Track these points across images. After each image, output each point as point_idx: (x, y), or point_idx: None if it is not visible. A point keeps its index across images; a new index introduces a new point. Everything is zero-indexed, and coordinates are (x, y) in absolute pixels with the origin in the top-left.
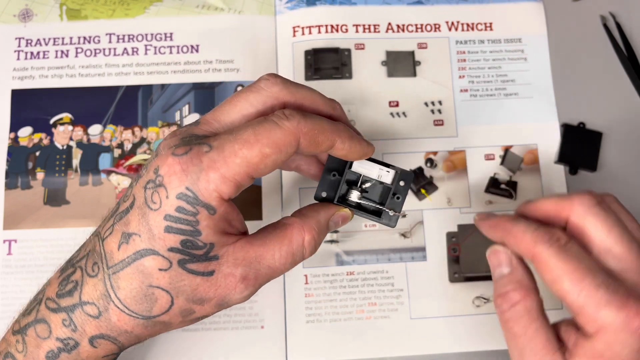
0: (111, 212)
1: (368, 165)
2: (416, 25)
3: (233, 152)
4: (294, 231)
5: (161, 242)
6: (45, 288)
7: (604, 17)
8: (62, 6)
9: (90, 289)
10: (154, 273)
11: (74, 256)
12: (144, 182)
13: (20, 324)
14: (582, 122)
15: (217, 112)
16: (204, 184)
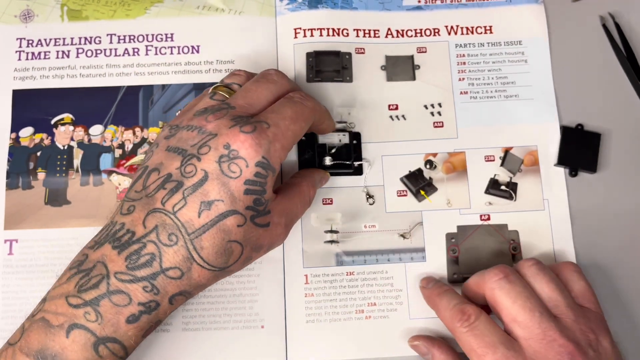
0: (154, 189)
1: (328, 136)
2: (415, 30)
3: (286, 128)
4: (304, 188)
5: (241, 203)
6: (95, 265)
7: (603, 18)
8: (63, 7)
9: (171, 256)
10: (233, 229)
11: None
12: (214, 157)
13: (82, 298)
14: (580, 124)
15: (247, 98)
16: (272, 153)
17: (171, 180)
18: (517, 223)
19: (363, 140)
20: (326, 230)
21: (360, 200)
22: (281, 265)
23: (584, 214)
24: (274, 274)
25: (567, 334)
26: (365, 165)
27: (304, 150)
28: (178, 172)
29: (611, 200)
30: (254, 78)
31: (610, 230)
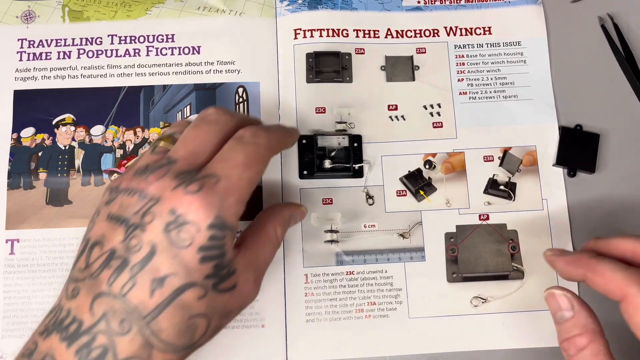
0: (98, 268)
1: (328, 139)
2: (415, 31)
3: (239, 177)
4: (270, 230)
5: (198, 273)
6: (44, 359)
7: (602, 19)
8: (65, 8)
9: (126, 346)
10: (194, 303)
11: (67, 324)
12: (160, 226)
13: None
14: (579, 124)
15: (189, 147)
16: (227, 210)
17: (115, 257)
18: (515, 223)
19: (362, 140)
20: (326, 230)
21: (360, 200)
22: (281, 265)
23: (583, 214)
24: (274, 274)
25: None
26: (365, 167)
27: (304, 153)
28: (122, 247)
29: (610, 201)
30: (192, 122)
31: (609, 230)
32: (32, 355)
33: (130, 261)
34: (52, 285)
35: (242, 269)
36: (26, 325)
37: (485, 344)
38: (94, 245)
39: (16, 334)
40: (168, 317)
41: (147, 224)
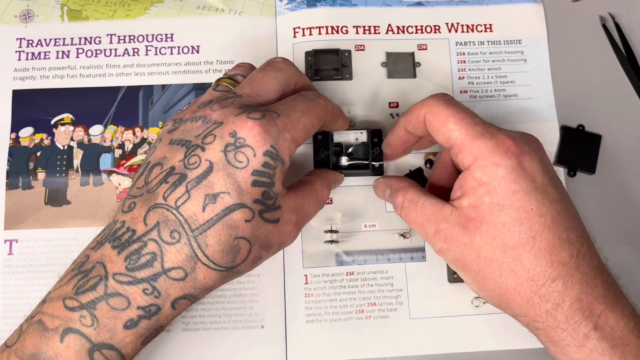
0: (156, 184)
1: (345, 134)
2: (416, 27)
3: (297, 119)
4: (317, 187)
5: (248, 196)
6: (94, 266)
7: (603, 18)
8: (63, 7)
9: (173, 255)
10: (241, 225)
11: (121, 234)
12: (220, 146)
13: (79, 300)
14: (582, 125)
15: (254, 87)
16: (282, 143)
17: (174, 174)
18: None
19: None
20: (326, 230)
21: (360, 199)
22: (281, 265)
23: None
24: (274, 274)
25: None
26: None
27: (319, 149)
28: (181, 165)
29: (609, 201)
30: (259, 67)
31: (609, 230)
32: (82, 266)
33: (187, 176)
34: (50, 285)
35: (287, 209)
36: None
37: (486, 344)
38: (154, 166)
39: None
40: (216, 233)
41: (208, 144)
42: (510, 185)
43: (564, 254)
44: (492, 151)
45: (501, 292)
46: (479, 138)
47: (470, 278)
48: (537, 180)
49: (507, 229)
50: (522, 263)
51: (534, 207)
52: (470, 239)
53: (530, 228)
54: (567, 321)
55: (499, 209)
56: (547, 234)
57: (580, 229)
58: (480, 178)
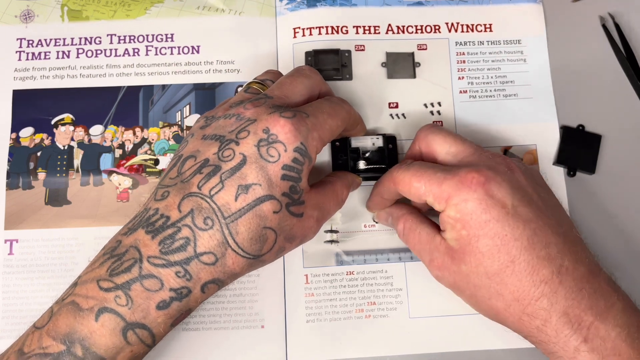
0: (190, 174)
1: (361, 140)
2: (416, 27)
3: (324, 120)
4: (338, 188)
5: (277, 189)
6: (127, 250)
7: (603, 18)
8: (64, 7)
9: (205, 241)
10: (269, 215)
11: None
12: (253, 141)
13: (114, 282)
14: (582, 125)
15: (283, 90)
16: (310, 141)
17: (208, 165)
18: None
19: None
20: (326, 230)
21: (359, 200)
22: (281, 265)
23: (582, 214)
24: (274, 274)
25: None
26: None
27: (337, 154)
28: (215, 157)
29: (609, 202)
30: (287, 73)
31: (608, 231)
32: (115, 250)
33: (221, 168)
34: (51, 285)
35: (310, 205)
36: (25, 326)
37: (485, 344)
38: (187, 158)
39: (15, 335)
40: (246, 222)
41: (242, 138)
42: (481, 215)
43: (544, 272)
44: (457, 189)
45: (494, 313)
46: (443, 182)
47: (466, 301)
48: (507, 204)
49: (486, 257)
50: (507, 286)
51: (508, 233)
52: (458, 267)
53: (507, 253)
54: (557, 335)
55: (475, 239)
56: (525, 256)
57: (561, 241)
58: (454, 216)
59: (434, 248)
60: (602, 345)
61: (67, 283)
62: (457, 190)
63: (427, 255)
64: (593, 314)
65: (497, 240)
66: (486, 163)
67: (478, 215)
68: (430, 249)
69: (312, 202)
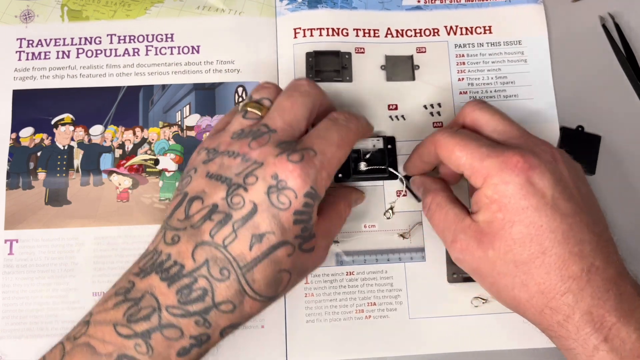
0: (200, 220)
1: (362, 141)
2: (415, 30)
3: (332, 155)
4: (341, 208)
5: (290, 233)
6: (143, 295)
7: (603, 18)
8: (64, 7)
9: (223, 291)
10: (284, 259)
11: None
12: (263, 188)
13: (133, 329)
14: (581, 125)
15: (286, 119)
16: (319, 182)
17: (218, 212)
18: None
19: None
20: None
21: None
22: None
23: None
24: None
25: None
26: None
27: None
28: (224, 203)
29: (609, 203)
30: (285, 91)
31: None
32: (129, 293)
33: (232, 216)
34: (51, 285)
35: (320, 235)
36: (25, 326)
37: (485, 344)
38: (193, 199)
39: (15, 335)
40: (262, 269)
41: (251, 184)
42: (520, 201)
43: (574, 268)
44: (500, 169)
45: (515, 304)
46: (485, 159)
47: (486, 288)
48: (547, 195)
49: (518, 244)
50: (533, 277)
51: (544, 223)
52: (484, 252)
53: (540, 244)
54: (577, 332)
55: (510, 225)
56: (558, 249)
57: (595, 240)
58: (492, 196)
59: (460, 229)
60: (622, 347)
61: (67, 283)
62: (499, 170)
63: (451, 236)
64: (617, 315)
65: (532, 229)
66: (532, 149)
67: (517, 200)
68: (455, 230)
69: (321, 232)
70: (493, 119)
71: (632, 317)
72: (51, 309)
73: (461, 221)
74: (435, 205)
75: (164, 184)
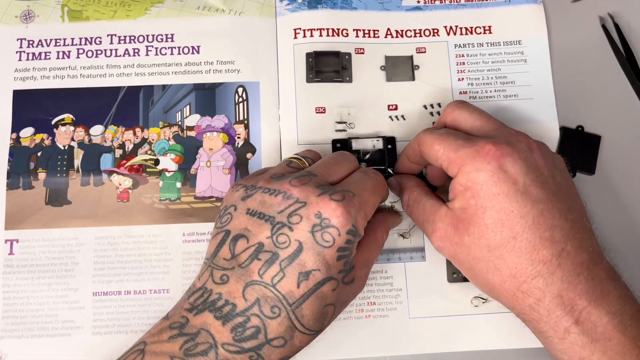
0: (247, 259)
1: (362, 141)
2: (415, 31)
3: (368, 199)
4: (379, 235)
5: (334, 269)
6: (199, 332)
7: (603, 18)
8: (64, 7)
9: (275, 328)
10: (329, 294)
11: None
12: (307, 227)
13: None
14: (581, 125)
15: (327, 168)
16: (359, 221)
17: (264, 251)
18: None
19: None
20: None
21: None
22: None
23: None
24: None
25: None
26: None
27: None
28: (270, 242)
29: (609, 202)
30: (330, 155)
31: (608, 231)
32: (184, 328)
33: (279, 255)
34: (51, 285)
35: (359, 265)
36: (25, 326)
37: (485, 344)
38: (237, 237)
39: (16, 335)
40: (310, 305)
41: (295, 224)
42: (492, 188)
43: (545, 252)
44: (472, 158)
45: (490, 288)
46: (460, 149)
47: (465, 273)
48: (518, 182)
49: (490, 229)
50: (505, 261)
51: (515, 209)
52: (460, 238)
53: (510, 229)
54: (548, 315)
55: (482, 211)
56: (528, 234)
57: (568, 226)
58: (465, 183)
59: (437, 219)
60: (593, 329)
61: (67, 283)
62: (472, 158)
63: (430, 226)
64: (588, 299)
65: (503, 214)
66: (507, 139)
67: (488, 187)
68: (434, 220)
69: (360, 263)
70: (471, 116)
71: (603, 301)
72: (51, 309)
73: (437, 211)
74: (412, 200)
75: (164, 184)
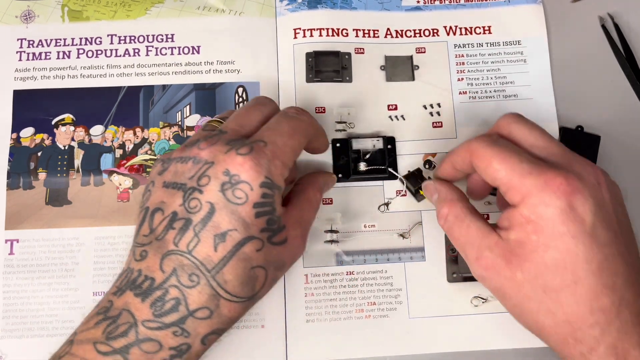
0: (163, 230)
1: (362, 141)
2: (414, 31)
3: (284, 144)
4: (310, 194)
5: (254, 228)
6: (120, 313)
7: (602, 19)
8: (64, 7)
9: (196, 297)
10: (253, 255)
11: (140, 283)
12: (216, 187)
13: (111, 346)
14: (580, 126)
15: (238, 121)
16: (274, 171)
17: (178, 219)
18: None
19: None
20: (326, 230)
21: (359, 200)
22: None
23: None
24: None
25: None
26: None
27: (339, 156)
28: (183, 209)
29: None
30: (244, 104)
31: None
32: (108, 312)
33: (192, 221)
34: (51, 285)
35: (291, 225)
36: (26, 326)
37: (485, 344)
38: (154, 212)
39: (16, 334)
40: (231, 269)
41: (204, 185)
42: (558, 227)
43: (605, 301)
44: (541, 190)
45: (538, 328)
46: (526, 176)
47: (508, 309)
48: (587, 222)
49: (550, 270)
50: (562, 306)
51: (580, 252)
52: (512, 273)
53: (573, 273)
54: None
55: (544, 249)
56: (591, 280)
57: (628, 272)
58: (528, 216)
59: (485, 246)
60: None
61: (67, 283)
62: (540, 190)
63: (474, 252)
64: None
65: (567, 256)
66: (576, 170)
67: (555, 224)
68: (479, 246)
69: (292, 222)
70: (532, 134)
71: None
72: (51, 309)
73: (486, 237)
74: (454, 217)
75: None
